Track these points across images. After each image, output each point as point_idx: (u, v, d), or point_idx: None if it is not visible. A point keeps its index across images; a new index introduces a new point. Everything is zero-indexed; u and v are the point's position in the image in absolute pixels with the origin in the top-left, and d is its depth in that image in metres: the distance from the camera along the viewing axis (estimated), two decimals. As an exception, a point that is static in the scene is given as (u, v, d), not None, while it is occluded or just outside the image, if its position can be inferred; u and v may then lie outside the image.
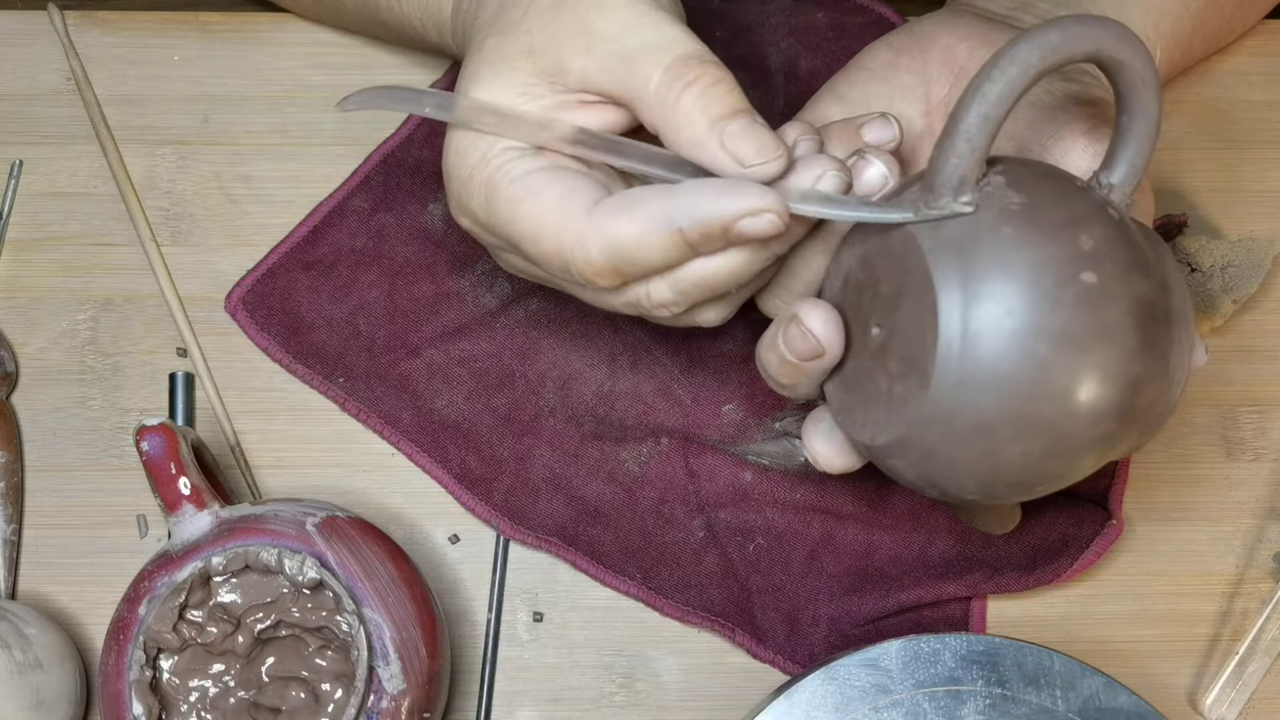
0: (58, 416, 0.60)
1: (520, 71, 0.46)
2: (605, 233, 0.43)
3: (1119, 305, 0.40)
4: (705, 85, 0.43)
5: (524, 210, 0.45)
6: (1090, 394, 0.40)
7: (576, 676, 0.58)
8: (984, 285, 0.40)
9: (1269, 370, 0.62)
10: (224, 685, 0.51)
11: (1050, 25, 0.40)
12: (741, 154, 0.43)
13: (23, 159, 0.63)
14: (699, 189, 0.43)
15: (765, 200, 0.42)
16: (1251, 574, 0.59)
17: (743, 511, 0.58)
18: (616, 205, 0.44)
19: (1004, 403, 0.40)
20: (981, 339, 0.40)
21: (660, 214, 0.43)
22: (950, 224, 0.42)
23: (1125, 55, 0.41)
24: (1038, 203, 0.42)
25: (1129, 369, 0.41)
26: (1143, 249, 0.42)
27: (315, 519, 0.51)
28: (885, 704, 0.49)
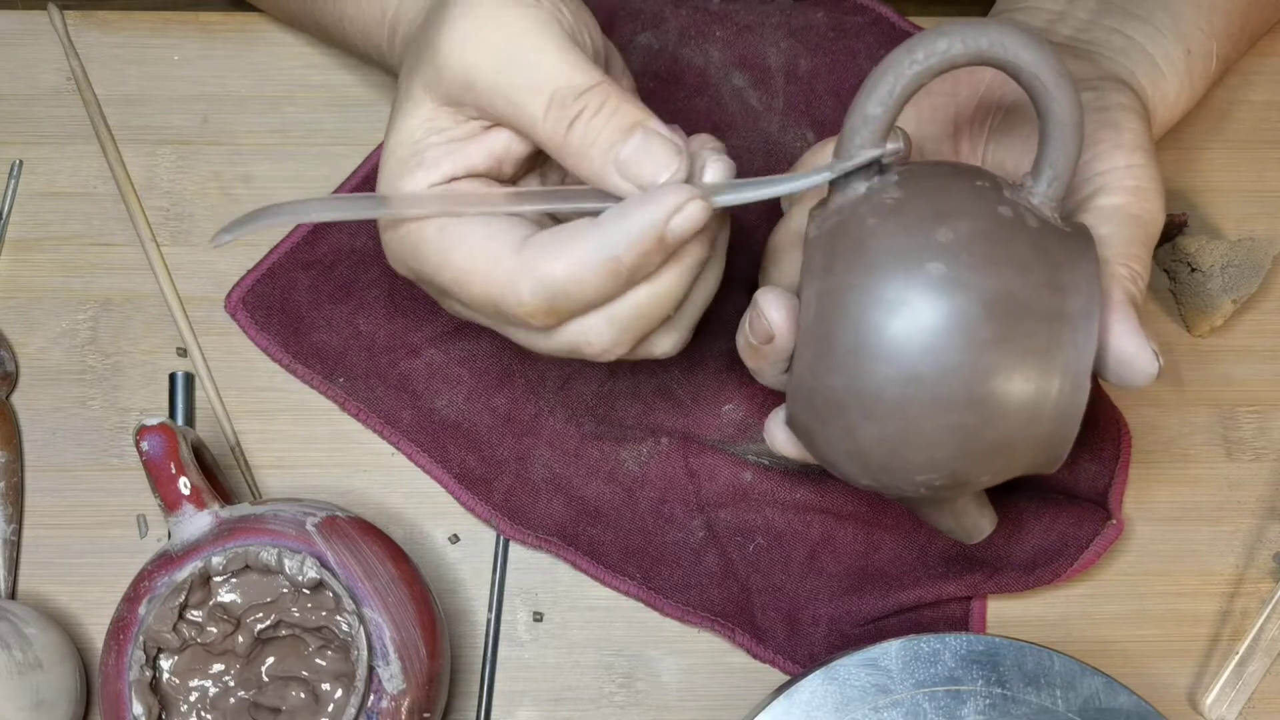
0: (58, 416, 0.60)
1: (423, 105, 0.45)
2: (536, 272, 0.43)
3: (969, 296, 0.41)
4: (588, 118, 0.43)
5: (451, 258, 0.44)
6: (934, 380, 0.41)
7: (576, 676, 0.58)
8: (837, 267, 0.42)
9: (1269, 370, 0.62)
10: (224, 685, 0.51)
11: (941, 30, 0.41)
12: (641, 177, 0.42)
13: (23, 159, 0.63)
14: (622, 212, 0.42)
15: (685, 192, 0.42)
16: (1251, 574, 0.59)
17: (743, 511, 0.58)
18: (545, 242, 0.43)
19: (848, 381, 0.42)
20: (829, 318, 0.42)
21: (593, 246, 0.42)
22: (831, 216, 0.43)
23: (1022, 58, 0.41)
24: (911, 198, 0.42)
25: (978, 360, 0.41)
26: (1035, 248, 0.42)
27: (315, 519, 0.51)
28: (885, 704, 0.49)
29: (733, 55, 0.64)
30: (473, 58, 0.43)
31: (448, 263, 0.44)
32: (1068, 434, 0.43)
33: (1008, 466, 0.44)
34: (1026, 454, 0.43)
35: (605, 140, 0.43)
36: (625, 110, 0.43)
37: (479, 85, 0.43)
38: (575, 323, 0.44)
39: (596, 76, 0.43)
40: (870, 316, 0.41)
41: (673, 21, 0.64)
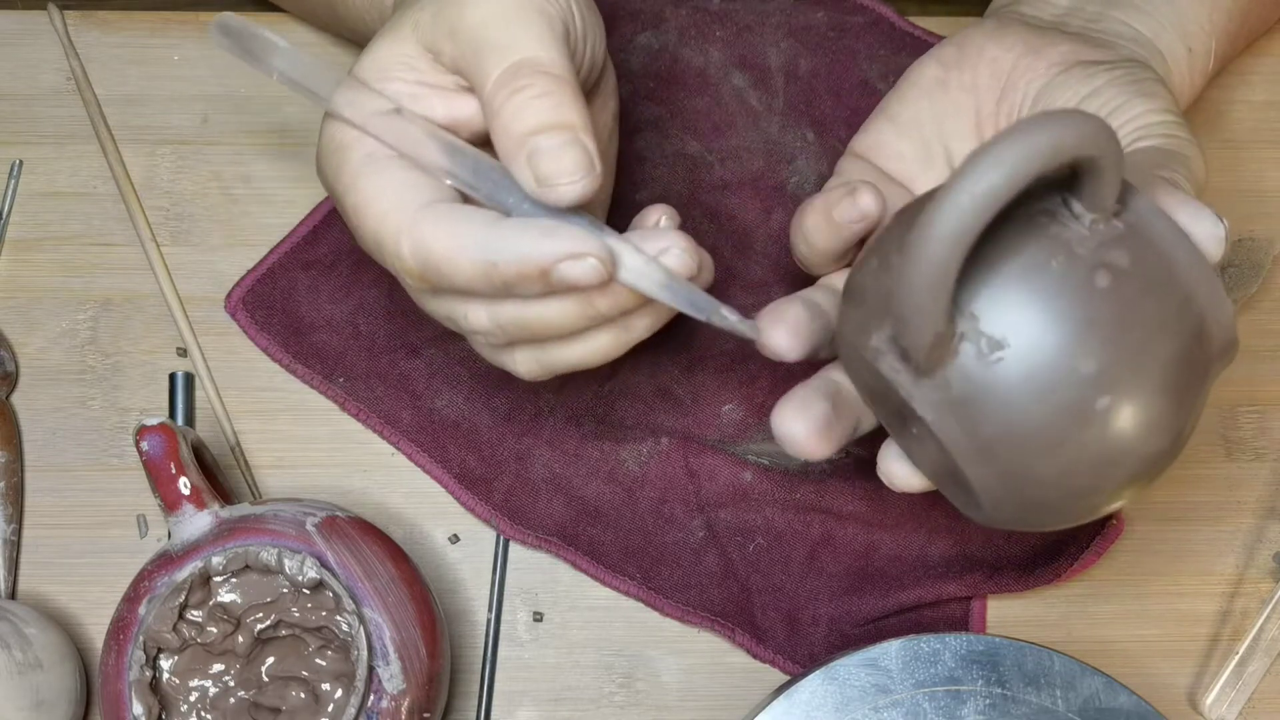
0: (58, 416, 0.60)
1: (407, 44, 0.45)
2: (421, 236, 0.42)
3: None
4: (529, 95, 0.42)
5: (362, 183, 0.44)
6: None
7: (576, 676, 0.58)
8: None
9: (1269, 370, 0.62)
10: (224, 685, 0.51)
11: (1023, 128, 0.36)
12: (542, 171, 0.41)
13: (23, 159, 0.63)
14: (525, 226, 0.41)
15: (588, 245, 0.40)
16: (1251, 574, 0.59)
17: (743, 511, 0.58)
18: (442, 214, 0.42)
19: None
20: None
21: (477, 243, 0.41)
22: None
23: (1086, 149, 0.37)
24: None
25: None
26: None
27: (315, 519, 0.51)
28: (885, 704, 0.49)
29: (733, 55, 0.64)
30: (469, 10, 0.43)
31: (356, 187, 0.44)
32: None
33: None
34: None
35: (531, 123, 0.42)
36: (565, 109, 0.42)
37: (460, 33, 0.43)
38: (457, 299, 0.44)
39: (562, 69, 0.43)
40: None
41: (673, 21, 0.64)
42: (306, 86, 0.45)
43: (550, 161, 0.41)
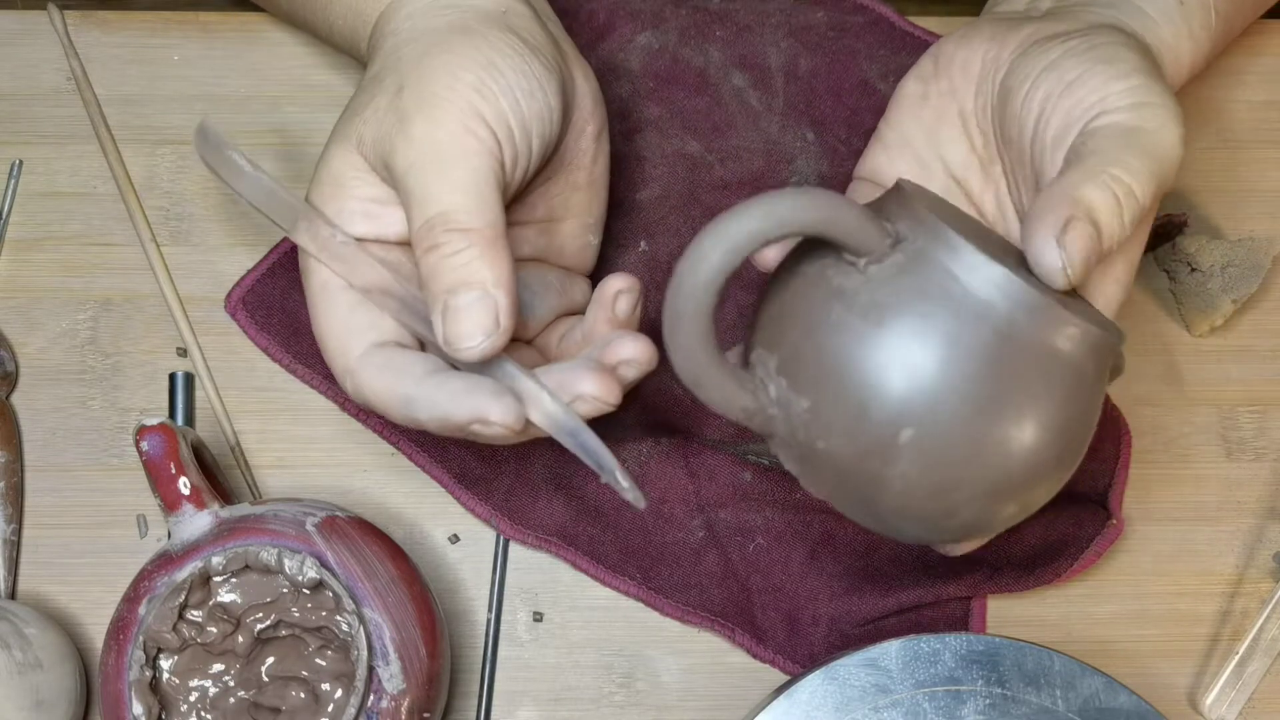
0: (58, 416, 0.60)
1: (349, 155, 0.48)
2: (360, 379, 0.46)
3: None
4: (441, 255, 0.45)
5: (318, 314, 0.48)
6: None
7: (576, 676, 0.58)
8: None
9: (1269, 370, 0.62)
10: (224, 685, 0.51)
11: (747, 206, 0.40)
12: (448, 332, 0.44)
13: (23, 159, 0.63)
14: (440, 387, 0.44)
15: (497, 413, 0.43)
16: (1251, 574, 0.59)
17: (742, 511, 0.58)
18: (378, 364, 0.46)
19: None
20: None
21: (401, 399, 0.45)
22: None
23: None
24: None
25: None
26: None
27: (315, 519, 0.51)
28: (885, 704, 0.49)
29: (733, 55, 0.64)
30: (409, 147, 0.46)
31: (315, 314, 0.48)
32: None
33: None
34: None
35: (445, 282, 0.45)
36: (477, 266, 0.44)
37: (393, 170, 0.46)
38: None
39: (478, 220, 0.45)
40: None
41: (673, 21, 0.64)
42: (268, 215, 0.48)
43: (455, 324, 0.44)
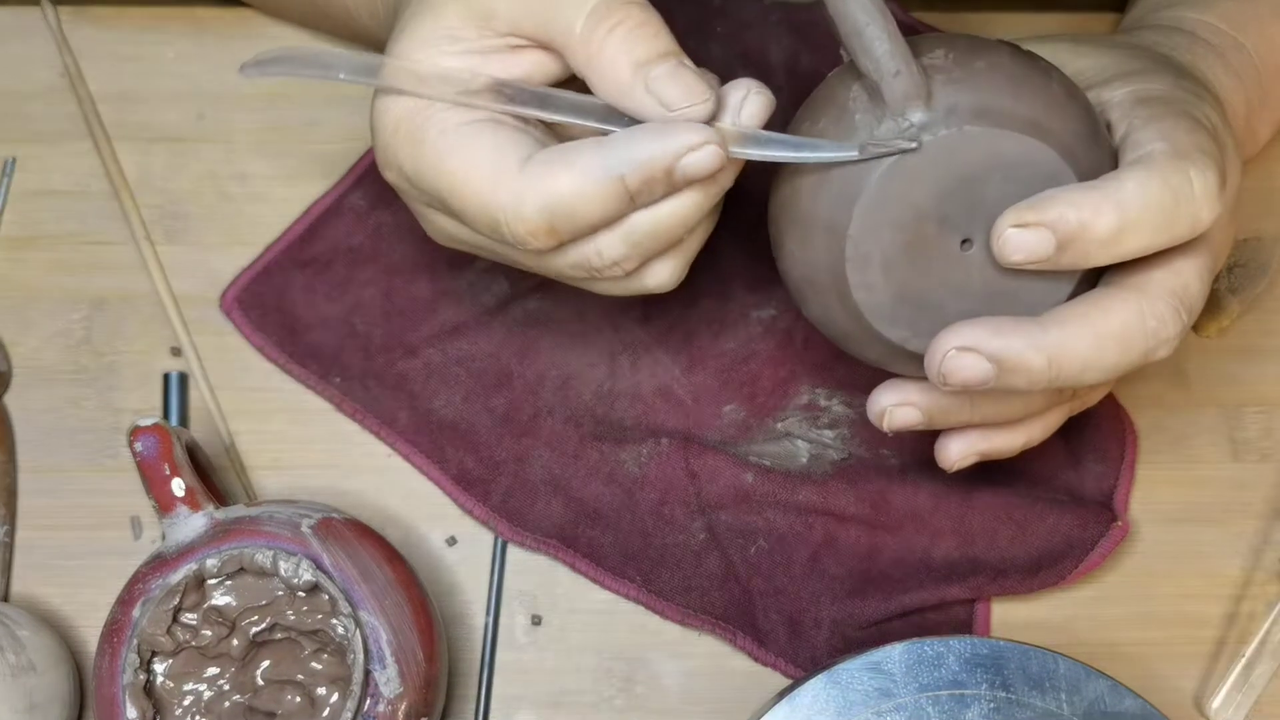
0: (51, 417, 0.59)
1: (448, 15, 0.44)
2: (541, 188, 0.42)
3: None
4: (629, 29, 0.42)
5: (453, 164, 0.43)
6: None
7: (575, 680, 0.57)
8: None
9: (1275, 370, 0.62)
10: (219, 689, 0.50)
11: None
12: (668, 98, 0.42)
13: (16, 156, 0.63)
14: (634, 135, 0.42)
15: (703, 134, 0.42)
16: (1258, 576, 0.59)
17: (744, 513, 0.58)
18: (551, 159, 0.43)
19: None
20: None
21: (598, 164, 0.42)
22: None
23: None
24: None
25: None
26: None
27: (311, 521, 0.51)
28: (888, 708, 0.48)
29: (734, 51, 0.64)
30: None
31: (447, 169, 0.44)
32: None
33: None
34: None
35: (640, 55, 0.42)
36: (665, 37, 0.43)
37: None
38: (586, 241, 0.44)
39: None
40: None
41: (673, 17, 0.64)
42: (360, 79, 0.45)
43: (671, 87, 0.42)
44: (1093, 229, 0.41)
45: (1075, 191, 0.42)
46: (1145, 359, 0.43)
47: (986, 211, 0.43)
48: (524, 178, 0.43)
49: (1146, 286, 0.43)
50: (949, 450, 0.49)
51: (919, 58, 0.43)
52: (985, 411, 0.48)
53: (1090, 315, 0.43)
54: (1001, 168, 0.43)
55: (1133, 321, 0.43)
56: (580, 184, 0.42)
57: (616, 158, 0.42)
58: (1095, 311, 0.43)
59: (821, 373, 0.59)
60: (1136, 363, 0.43)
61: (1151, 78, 0.47)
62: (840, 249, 0.44)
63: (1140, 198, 0.41)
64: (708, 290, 0.60)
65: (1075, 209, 0.41)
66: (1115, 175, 0.42)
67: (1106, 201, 0.41)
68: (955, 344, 0.43)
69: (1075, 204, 0.41)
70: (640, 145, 0.42)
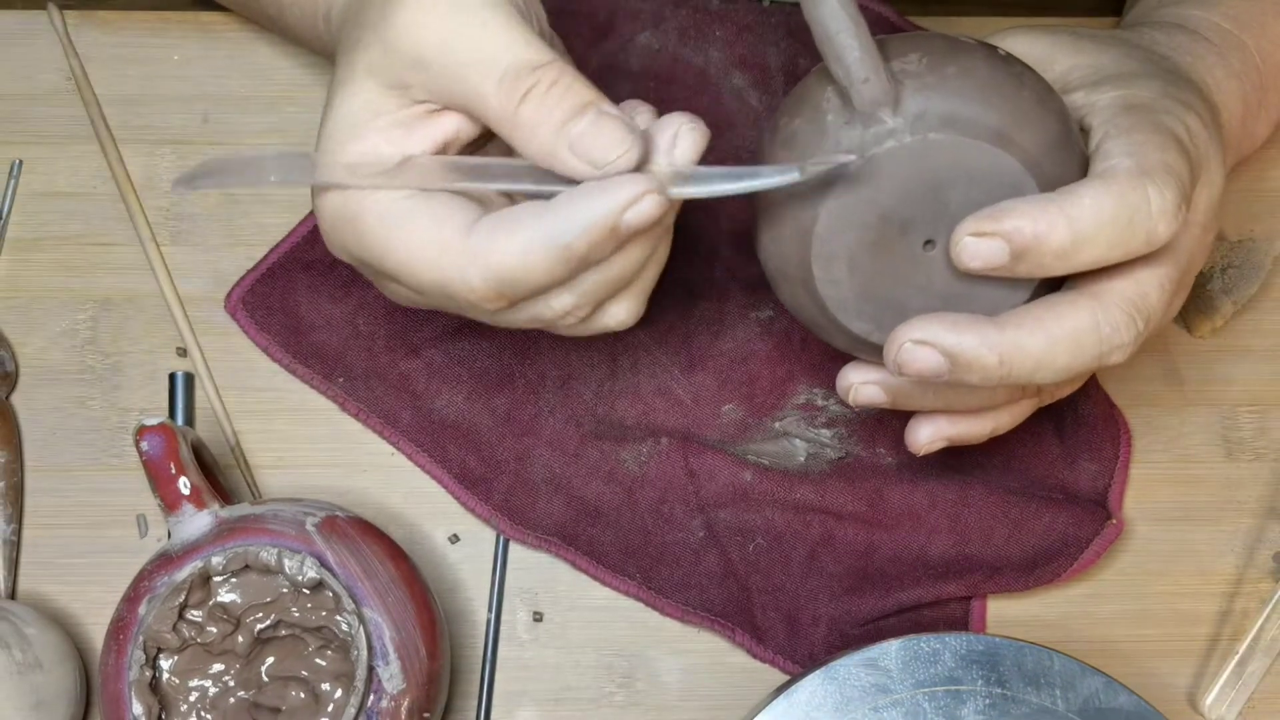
0: (57, 416, 0.60)
1: (366, 90, 0.44)
2: (486, 260, 0.42)
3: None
4: (541, 93, 0.42)
5: (395, 243, 0.43)
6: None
7: (576, 676, 0.58)
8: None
9: (1269, 370, 0.62)
10: (224, 685, 0.51)
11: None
12: (593, 155, 0.41)
13: (22, 159, 0.63)
14: (573, 199, 0.42)
15: (640, 184, 0.41)
16: (1251, 574, 0.59)
17: (742, 511, 0.58)
18: (494, 228, 0.42)
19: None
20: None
21: (541, 234, 0.41)
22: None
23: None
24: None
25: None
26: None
27: (315, 519, 0.51)
28: (885, 704, 0.49)
29: (733, 55, 0.64)
30: (424, 35, 0.43)
31: (391, 249, 0.43)
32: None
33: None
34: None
35: (558, 116, 0.42)
36: (578, 89, 0.42)
37: (430, 62, 0.43)
38: (538, 299, 0.44)
39: (550, 55, 0.43)
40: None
41: (673, 21, 0.64)
42: (292, 179, 0.44)
43: (593, 143, 0.42)
44: (1047, 241, 0.42)
45: (1032, 204, 0.42)
46: (1099, 363, 0.44)
47: (949, 215, 0.44)
48: (468, 251, 0.42)
49: (1104, 294, 0.44)
50: (918, 434, 0.50)
51: (893, 59, 0.43)
52: (947, 398, 0.49)
53: (1044, 319, 0.43)
54: (965, 175, 0.43)
55: (1086, 327, 0.43)
56: (524, 255, 0.42)
57: (558, 226, 0.41)
58: (1050, 315, 0.43)
59: (819, 373, 0.60)
60: (1090, 366, 0.44)
61: (1141, 83, 0.47)
62: (807, 245, 0.45)
63: (1094, 213, 0.42)
64: (706, 292, 0.61)
65: (1031, 221, 0.42)
66: (1073, 189, 0.42)
67: (1061, 216, 0.42)
68: (912, 336, 0.44)
69: (1031, 216, 0.42)
70: (580, 210, 0.41)
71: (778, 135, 0.46)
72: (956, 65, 0.43)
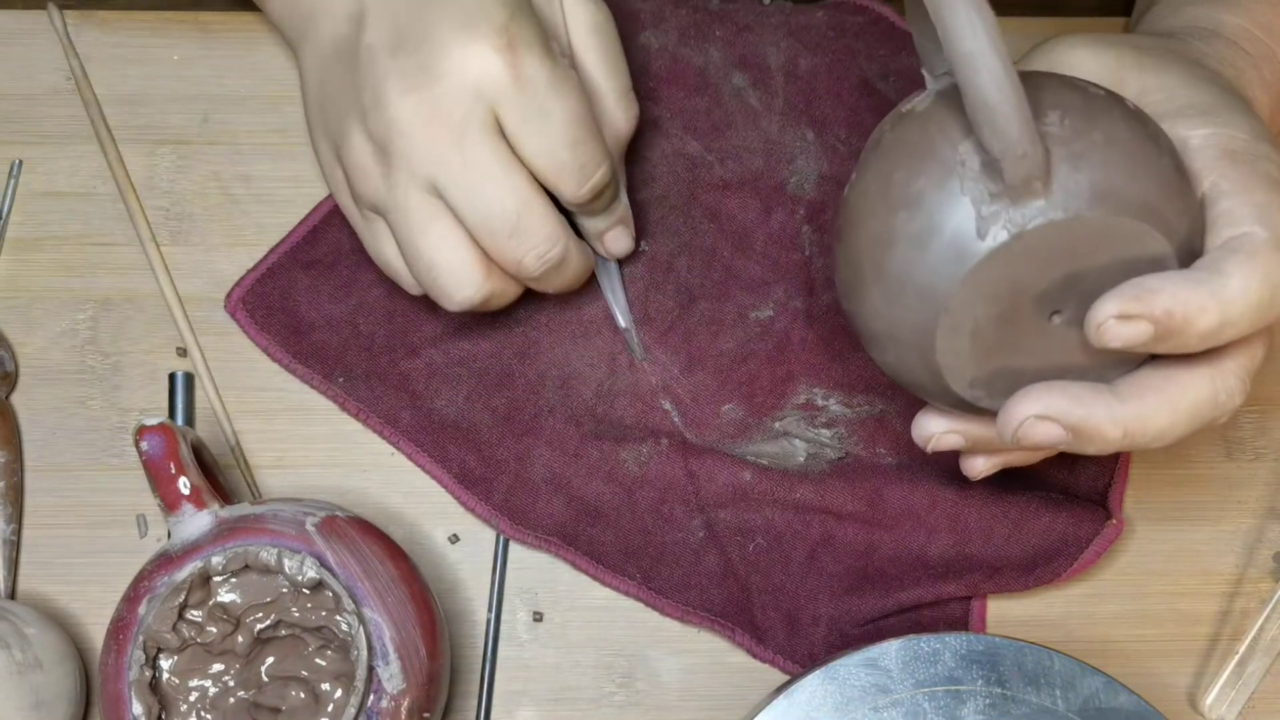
0: (57, 416, 0.60)
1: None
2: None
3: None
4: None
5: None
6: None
7: (576, 676, 0.58)
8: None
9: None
10: (224, 685, 0.51)
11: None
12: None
13: (22, 158, 0.63)
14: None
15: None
16: (1251, 573, 0.59)
17: (742, 511, 0.58)
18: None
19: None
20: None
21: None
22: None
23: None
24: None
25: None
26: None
27: (315, 519, 0.51)
28: (885, 704, 0.49)
29: (732, 55, 0.64)
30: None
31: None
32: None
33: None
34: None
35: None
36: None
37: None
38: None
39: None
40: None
41: (672, 21, 0.64)
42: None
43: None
44: (1195, 325, 0.40)
45: (1181, 285, 0.40)
46: (1208, 426, 0.43)
47: (1083, 288, 0.42)
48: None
49: (1222, 362, 0.43)
50: (975, 463, 0.50)
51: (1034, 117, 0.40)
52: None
53: (1167, 390, 0.42)
54: (1109, 250, 0.41)
55: (1206, 397, 0.42)
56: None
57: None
58: (1172, 386, 0.42)
59: (818, 373, 0.60)
60: (1199, 429, 0.43)
61: (1228, 119, 0.45)
62: (933, 315, 0.42)
63: (1244, 296, 0.41)
64: (706, 292, 0.61)
65: (1182, 306, 0.40)
66: (1219, 267, 0.41)
67: (1213, 300, 0.40)
68: (1035, 411, 0.43)
69: (1182, 300, 0.40)
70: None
71: (892, 190, 0.43)
72: (1101, 130, 0.41)
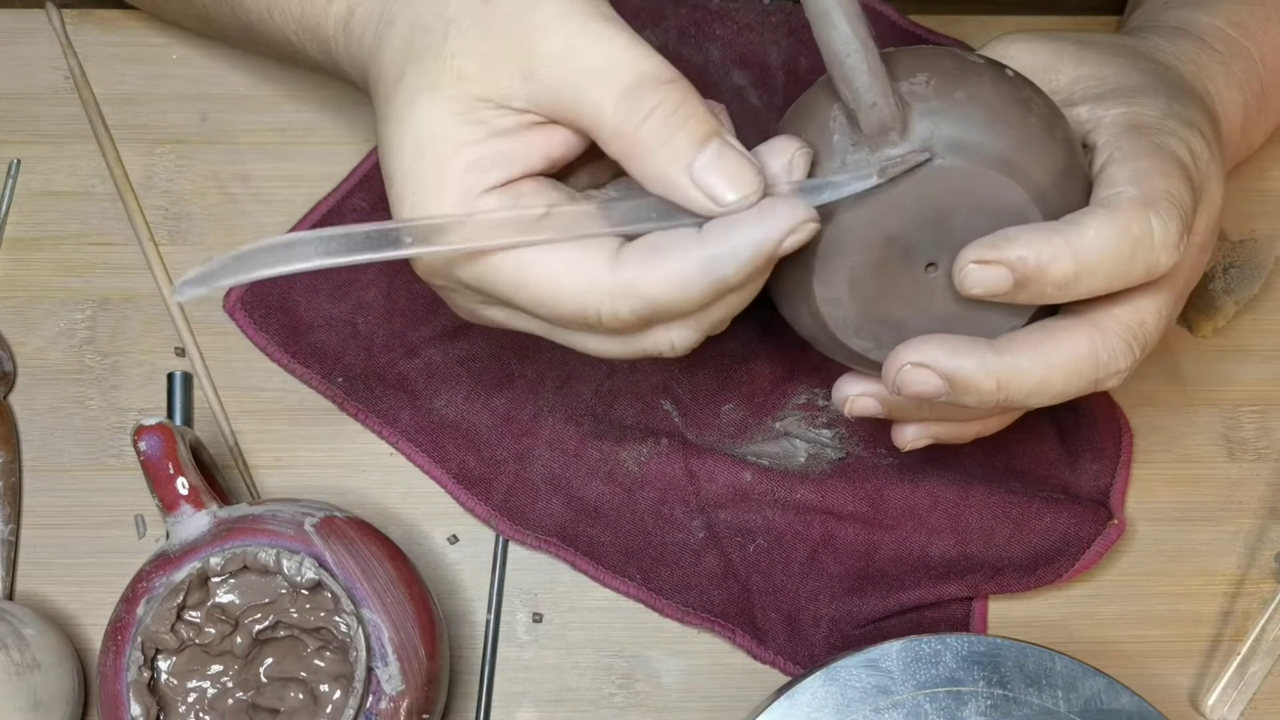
0: (55, 416, 0.60)
1: (454, 100, 0.41)
2: (638, 290, 0.41)
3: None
4: (665, 115, 0.40)
5: (532, 281, 0.41)
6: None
7: (576, 677, 0.58)
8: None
9: (1270, 370, 0.62)
10: (222, 686, 0.50)
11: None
12: (715, 190, 0.40)
13: (20, 158, 0.63)
14: (731, 228, 0.40)
15: (799, 213, 0.40)
16: (1253, 574, 0.59)
17: (743, 512, 0.58)
18: (644, 259, 0.41)
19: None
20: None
21: (698, 265, 0.40)
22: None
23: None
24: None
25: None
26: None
27: (313, 519, 0.51)
28: (886, 705, 0.49)
29: (733, 54, 0.64)
30: (545, 41, 0.40)
31: (526, 285, 0.42)
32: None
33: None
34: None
35: (681, 144, 0.40)
36: (702, 115, 0.41)
37: (538, 71, 0.41)
38: (660, 330, 0.43)
39: (674, 73, 0.41)
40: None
41: (673, 20, 0.64)
42: (371, 259, 0.41)
43: (716, 178, 0.40)
44: (1049, 272, 0.41)
45: (1036, 233, 0.42)
46: (1094, 388, 0.44)
47: (952, 240, 0.44)
48: (618, 279, 0.41)
49: (1103, 321, 0.43)
50: (904, 432, 0.50)
51: (901, 79, 0.43)
52: (940, 411, 0.49)
53: (1043, 344, 0.43)
54: (970, 201, 0.43)
55: (1084, 354, 0.43)
56: (681, 289, 0.41)
57: (720, 258, 0.40)
58: (1049, 341, 0.43)
59: (819, 373, 0.60)
60: (1084, 390, 0.44)
61: (1146, 99, 0.46)
62: (810, 265, 0.44)
63: (1098, 245, 0.41)
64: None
65: (1035, 251, 0.41)
66: (1078, 219, 0.42)
67: (1065, 247, 0.41)
68: (911, 359, 0.44)
69: (1035, 246, 0.41)
70: (742, 239, 0.40)
71: None
72: (964, 89, 0.43)
